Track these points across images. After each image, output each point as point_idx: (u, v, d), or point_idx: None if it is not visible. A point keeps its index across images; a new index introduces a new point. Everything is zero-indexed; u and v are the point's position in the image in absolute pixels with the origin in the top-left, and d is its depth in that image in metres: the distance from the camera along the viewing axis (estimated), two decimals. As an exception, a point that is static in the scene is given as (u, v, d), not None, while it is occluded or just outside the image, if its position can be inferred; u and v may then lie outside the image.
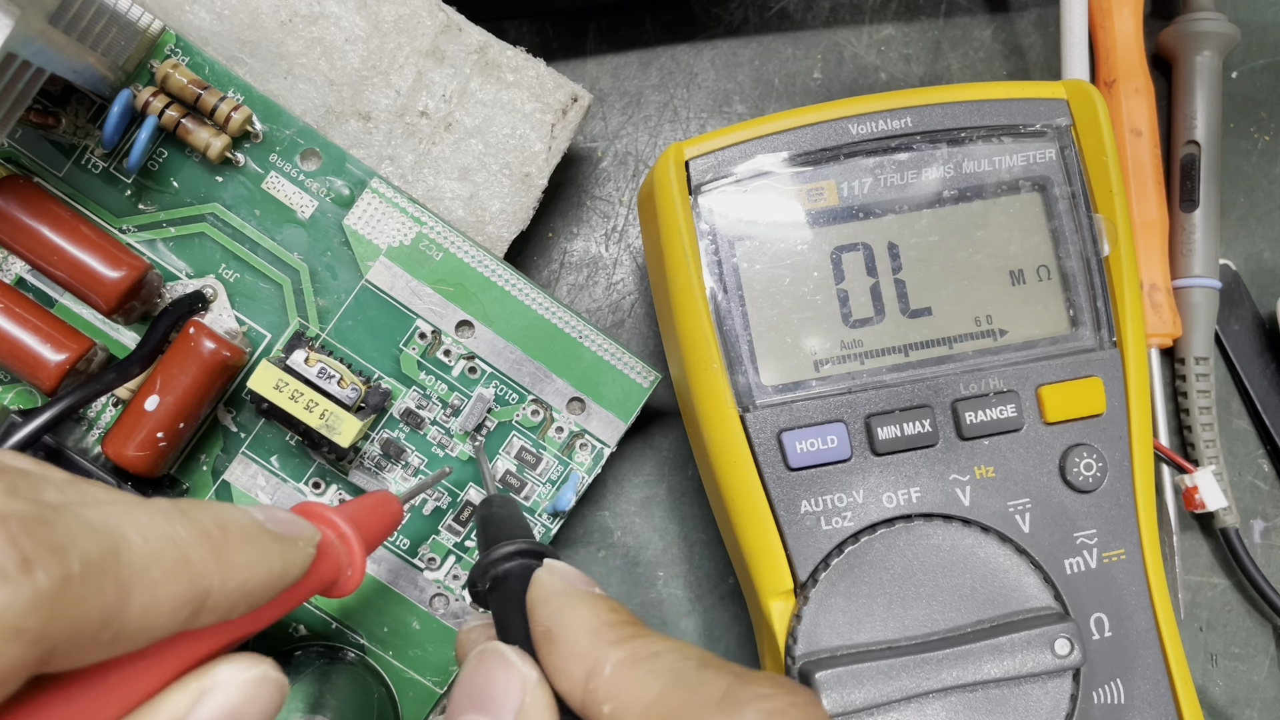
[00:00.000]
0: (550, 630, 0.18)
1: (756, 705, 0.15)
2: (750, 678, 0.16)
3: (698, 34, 0.36)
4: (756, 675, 0.16)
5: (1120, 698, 0.26)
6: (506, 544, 0.21)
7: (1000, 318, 0.27)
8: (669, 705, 0.16)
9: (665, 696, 0.16)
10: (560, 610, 0.18)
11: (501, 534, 0.22)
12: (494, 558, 0.21)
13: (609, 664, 0.17)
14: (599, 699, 0.16)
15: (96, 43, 0.25)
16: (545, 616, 0.18)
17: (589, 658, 0.17)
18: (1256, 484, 0.35)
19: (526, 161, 0.30)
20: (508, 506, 0.25)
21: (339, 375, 0.27)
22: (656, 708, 0.16)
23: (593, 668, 0.17)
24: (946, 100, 0.27)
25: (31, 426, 0.24)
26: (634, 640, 0.17)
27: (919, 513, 0.26)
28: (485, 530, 0.23)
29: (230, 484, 0.29)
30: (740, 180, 0.27)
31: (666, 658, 0.16)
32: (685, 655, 0.17)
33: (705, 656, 0.17)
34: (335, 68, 0.29)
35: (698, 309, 0.26)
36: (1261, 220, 0.36)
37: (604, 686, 0.16)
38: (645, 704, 0.16)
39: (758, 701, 0.15)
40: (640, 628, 0.18)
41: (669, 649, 0.17)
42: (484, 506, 0.25)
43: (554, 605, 0.18)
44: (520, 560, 0.21)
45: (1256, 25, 0.37)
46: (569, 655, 0.17)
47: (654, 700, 0.16)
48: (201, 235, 0.29)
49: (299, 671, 0.27)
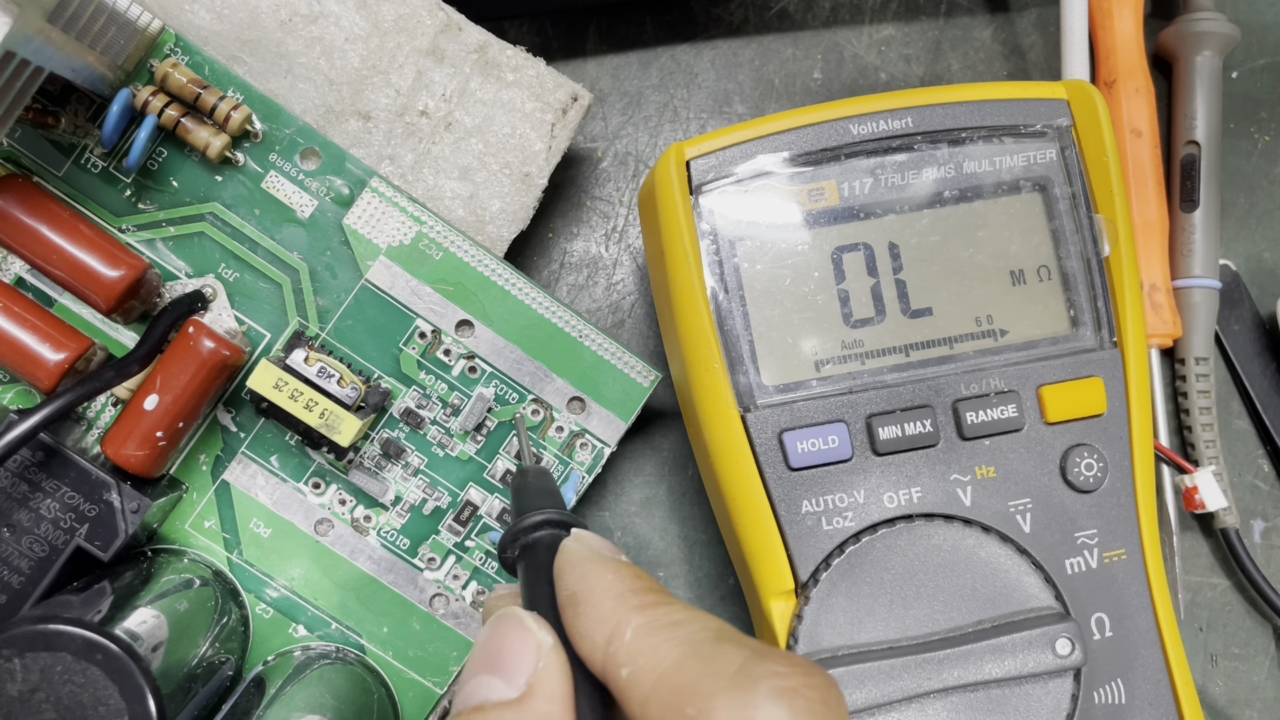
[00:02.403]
0: (575, 594, 0.18)
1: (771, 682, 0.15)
2: (767, 654, 0.16)
3: (698, 34, 0.36)
4: (773, 652, 0.16)
5: (1121, 698, 0.26)
6: (536, 513, 0.21)
7: (1001, 318, 0.27)
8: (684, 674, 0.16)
9: (681, 665, 0.16)
10: (585, 575, 0.18)
11: (533, 504, 0.22)
12: (524, 525, 0.21)
13: (630, 628, 0.17)
14: (618, 662, 0.16)
15: (95, 41, 0.25)
16: (571, 581, 0.18)
17: (611, 621, 0.17)
18: (1256, 484, 0.35)
19: (526, 161, 0.30)
20: (542, 478, 0.24)
21: (339, 374, 0.27)
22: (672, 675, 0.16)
23: (614, 631, 0.17)
24: (947, 100, 0.27)
25: (28, 424, 0.24)
26: (656, 607, 0.17)
27: (920, 513, 0.26)
28: (518, 499, 0.23)
29: (230, 484, 0.29)
30: (741, 180, 0.27)
31: (687, 627, 0.17)
32: (705, 626, 0.17)
33: (725, 629, 0.17)
34: (335, 67, 0.29)
35: (698, 309, 0.26)
36: (1261, 220, 0.36)
37: (624, 650, 0.16)
38: (661, 671, 0.16)
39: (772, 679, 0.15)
40: (664, 595, 0.18)
41: (690, 618, 0.17)
42: (518, 477, 0.24)
43: (579, 570, 0.18)
44: (549, 530, 0.21)
45: (1256, 25, 0.37)
46: (592, 618, 0.17)
47: (670, 668, 0.16)
48: (201, 235, 0.28)
49: (299, 672, 0.27)
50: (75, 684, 0.19)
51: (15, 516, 0.25)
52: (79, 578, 0.25)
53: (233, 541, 0.29)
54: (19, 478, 0.25)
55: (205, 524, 0.29)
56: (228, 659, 0.27)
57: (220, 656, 0.27)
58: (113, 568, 0.26)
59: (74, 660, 0.20)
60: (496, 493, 0.30)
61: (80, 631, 0.20)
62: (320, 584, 0.29)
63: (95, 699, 0.19)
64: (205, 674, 0.26)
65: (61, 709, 0.19)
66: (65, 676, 0.19)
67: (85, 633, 0.20)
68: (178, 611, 0.25)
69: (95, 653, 0.20)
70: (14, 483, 0.25)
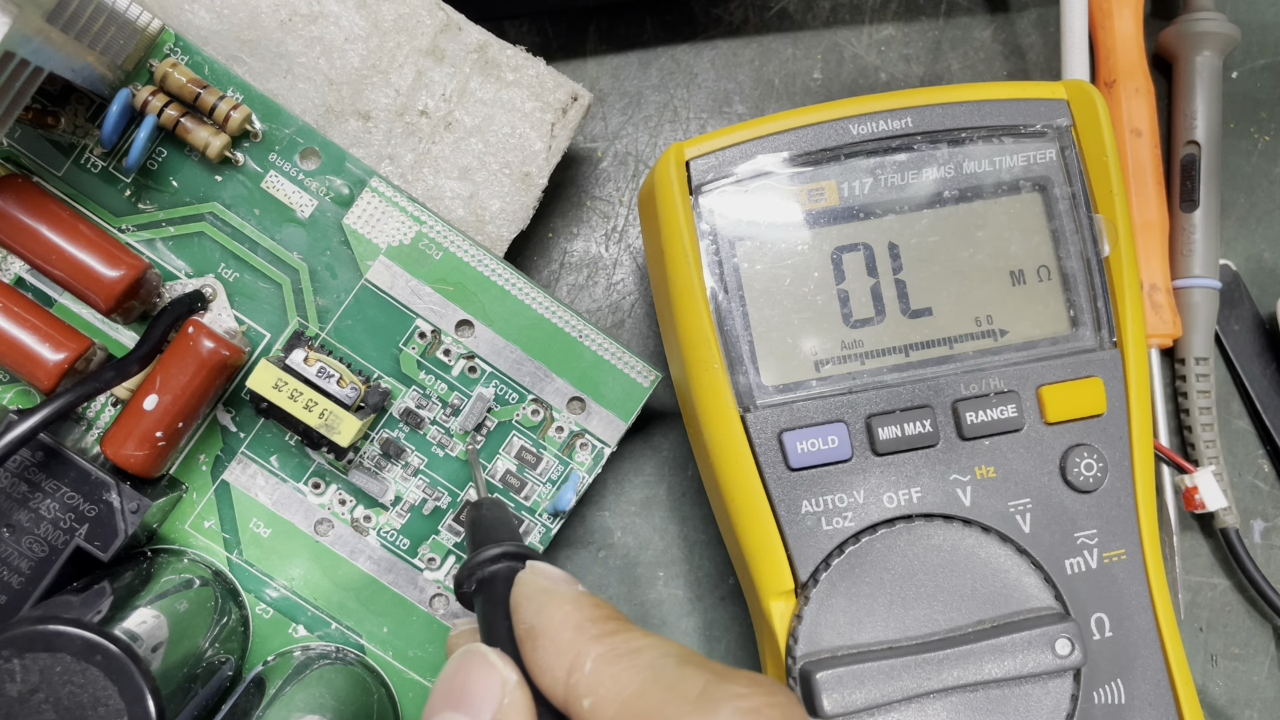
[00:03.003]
0: (533, 627, 0.18)
1: (733, 704, 0.15)
2: (729, 676, 0.16)
3: (698, 34, 0.36)
4: (735, 674, 0.16)
5: (1121, 698, 0.26)
6: (492, 546, 0.21)
7: (1001, 318, 0.27)
8: (647, 701, 0.16)
9: (644, 692, 0.16)
10: (543, 608, 0.18)
11: (489, 537, 0.22)
12: (480, 560, 0.21)
13: (590, 659, 0.17)
14: (579, 693, 0.16)
15: (95, 41, 0.25)
16: (528, 614, 0.18)
17: (570, 652, 0.17)
18: (1256, 484, 0.35)
19: (526, 161, 0.30)
20: (496, 509, 0.25)
21: (338, 375, 0.27)
22: (634, 703, 0.16)
23: (574, 662, 0.17)
24: (947, 100, 0.27)
25: (28, 424, 0.24)
26: (615, 635, 0.17)
27: (920, 513, 0.26)
28: (474, 533, 0.23)
29: (229, 484, 0.29)
30: (741, 180, 0.27)
31: (647, 654, 0.17)
32: (665, 652, 0.17)
33: (686, 653, 0.17)
34: (335, 67, 0.29)
35: (698, 309, 0.26)
36: (1261, 220, 0.36)
37: (584, 681, 0.16)
38: (624, 699, 0.16)
39: (734, 700, 0.15)
40: (623, 623, 0.18)
41: (650, 645, 0.17)
42: (473, 510, 0.25)
43: (537, 603, 0.18)
44: (506, 563, 0.21)
45: (1256, 25, 0.37)
46: (551, 651, 0.17)
47: (632, 696, 0.16)
48: (201, 234, 0.28)
49: (299, 672, 0.27)
50: (75, 684, 0.19)
51: (15, 517, 0.25)
52: (79, 578, 0.25)
53: (233, 541, 0.29)
54: (19, 478, 0.25)
55: (205, 524, 0.29)
56: (228, 659, 0.27)
57: (220, 657, 0.27)
58: (112, 568, 0.26)
59: (73, 661, 0.20)
60: (496, 493, 0.30)
61: (80, 632, 0.20)
62: (320, 584, 0.29)
63: (95, 699, 0.19)
64: (205, 674, 0.26)
65: (61, 709, 0.19)
66: (65, 677, 0.19)
67: (85, 633, 0.20)
68: (177, 612, 0.25)
69: (95, 653, 0.20)
70: (14, 483, 0.25)
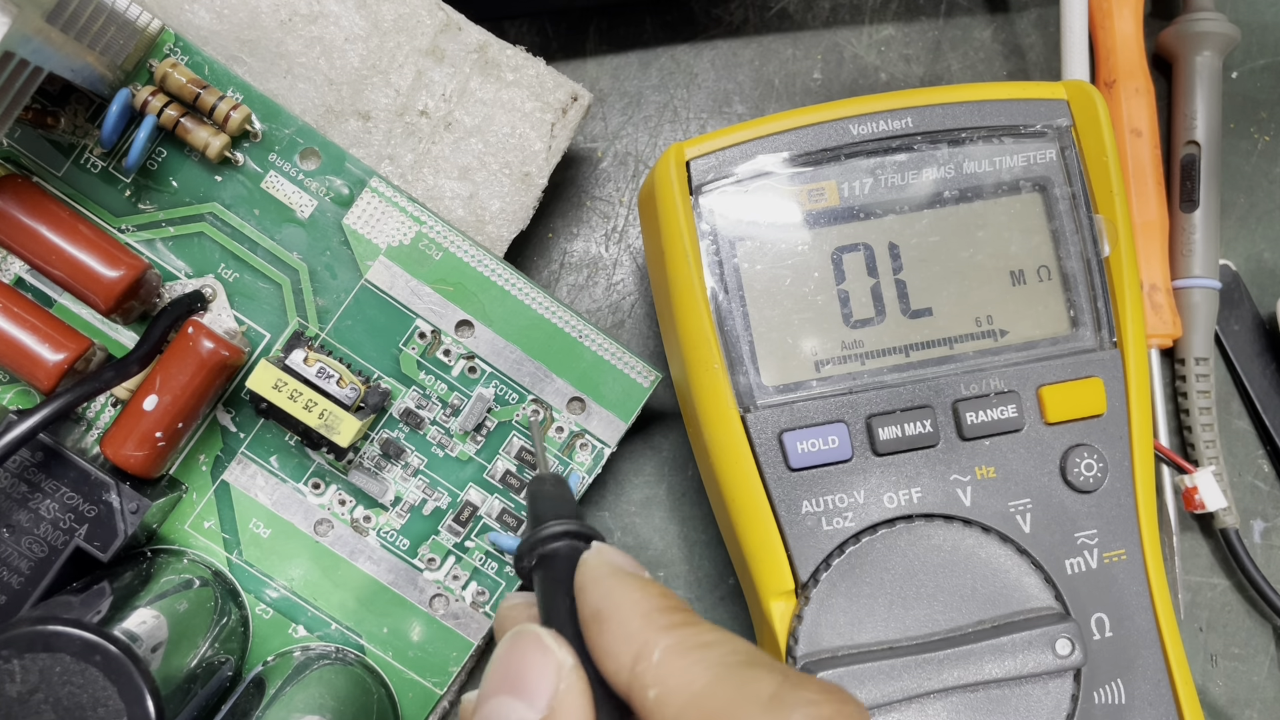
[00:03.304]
0: (601, 611, 0.17)
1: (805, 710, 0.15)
2: (799, 681, 0.16)
3: (698, 34, 0.36)
4: (807, 679, 0.16)
5: (1121, 698, 0.26)
6: (558, 523, 0.21)
7: (1001, 318, 0.27)
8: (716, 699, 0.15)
9: (713, 689, 0.15)
10: (611, 592, 0.18)
11: (552, 512, 0.22)
12: (544, 535, 0.20)
13: (658, 649, 0.16)
14: (645, 683, 0.16)
15: (95, 41, 0.25)
16: (596, 597, 0.18)
17: (638, 640, 0.17)
18: (1256, 484, 0.35)
19: (526, 161, 0.30)
20: (559, 486, 0.24)
21: (338, 375, 0.27)
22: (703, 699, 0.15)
23: (641, 650, 0.16)
24: (947, 101, 0.27)
25: (28, 424, 0.24)
26: (685, 628, 0.17)
27: (920, 513, 0.26)
28: (535, 506, 0.23)
29: (229, 484, 0.29)
30: (741, 180, 0.27)
31: (717, 649, 0.16)
32: (736, 649, 0.16)
33: (756, 653, 0.16)
34: (335, 67, 0.29)
35: (698, 309, 0.26)
36: (1261, 220, 0.36)
37: (651, 671, 0.16)
38: (692, 694, 0.16)
39: (806, 707, 0.15)
40: (691, 615, 0.17)
41: (720, 640, 0.17)
42: (536, 483, 0.24)
43: (605, 586, 0.18)
44: (569, 541, 0.20)
45: (1256, 25, 0.37)
46: (618, 637, 0.17)
47: (701, 691, 0.16)
48: (200, 235, 0.28)
49: (299, 672, 0.27)
50: (74, 685, 0.19)
51: (15, 517, 0.25)
52: (78, 578, 0.25)
53: (232, 542, 0.29)
54: (18, 478, 0.25)
55: (205, 524, 0.29)
56: (227, 659, 0.27)
57: (220, 657, 0.27)
58: (112, 568, 0.26)
59: (73, 661, 0.20)
60: (496, 493, 0.30)
61: (79, 632, 0.20)
62: (320, 584, 0.29)
63: (94, 700, 0.19)
64: (205, 674, 0.26)
65: (60, 710, 0.19)
66: (64, 677, 0.19)
67: (84, 634, 0.20)
68: (177, 612, 0.25)
69: (94, 654, 0.20)
70: (13, 483, 0.25)
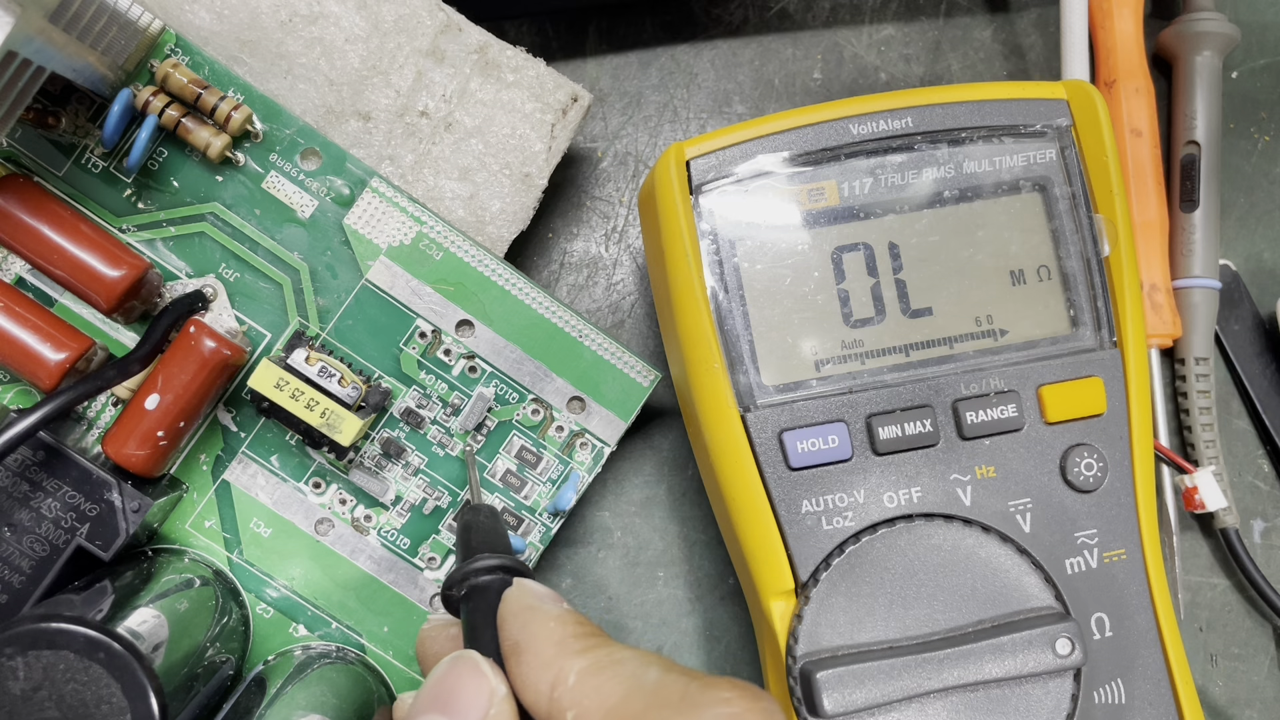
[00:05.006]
0: (519, 643, 0.18)
1: (715, 709, 0.16)
2: (711, 682, 0.16)
3: (698, 34, 0.36)
4: (717, 680, 0.16)
5: (1121, 698, 0.26)
6: (490, 556, 0.21)
7: (1001, 318, 0.27)
8: (630, 709, 0.16)
9: (627, 701, 0.16)
10: (527, 624, 0.19)
11: (484, 544, 0.22)
12: (476, 567, 0.21)
13: (573, 672, 0.17)
14: (563, 706, 0.17)
15: (96, 42, 0.25)
16: (514, 630, 0.19)
17: (554, 667, 0.17)
18: (1256, 484, 0.35)
19: (526, 161, 0.30)
20: (491, 518, 0.25)
21: (339, 374, 0.27)
22: (618, 711, 0.16)
23: (557, 677, 0.17)
24: (947, 100, 0.27)
25: (29, 421, 0.24)
26: (597, 649, 0.18)
27: (920, 512, 0.26)
28: (467, 537, 0.23)
29: (230, 484, 0.29)
30: (741, 180, 0.27)
31: (629, 664, 0.17)
32: (646, 661, 0.17)
33: (667, 663, 0.17)
34: (335, 67, 0.29)
35: (698, 309, 0.26)
36: (1261, 220, 0.36)
37: (568, 695, 0.17)
38: (608, 709, 0.16)
39: (716, 705, 0.16)
40: (604, 638, 0.18)
41: (631, 656, 0.17)
42: (469, 513, 0.25)
43: (522, 619, 0.19)
44: (500, 575, 0.21)
45: (1256, 25, 0.37)
46: (535, 666, 0.18)
47: (616, 705, 0.16)
48: (201, 235, 0.29)
49: (299, 671, 0.27)
50: (78, 682, 0.19)
51: (16, 516, 0.25)
52: (80, 577, 0.25)
53: (233, 541, 0.29)
54: (20, 477, 0.25)
55: (205, 524, 0.29)
56: (228, 658, 0.27)
57: (221, 656, 0.27)
58: (113, 567, 0.26)
59: (76, 659, 0.20)
60: (496, 492, 0.30)
61: (83, 630, 0.20)
62: (320, 583, 0.29)
63: (98, 697, 0.19)
64: (206, 673, 0.26)
65: (64, 707, 0.19)
66: (68, 675, 0.19)
67: (88, 631, 0.20)
68: (178, 611, 0.25)
69: (98, 651, 0.20)
70: (15, 482, 0.25)
